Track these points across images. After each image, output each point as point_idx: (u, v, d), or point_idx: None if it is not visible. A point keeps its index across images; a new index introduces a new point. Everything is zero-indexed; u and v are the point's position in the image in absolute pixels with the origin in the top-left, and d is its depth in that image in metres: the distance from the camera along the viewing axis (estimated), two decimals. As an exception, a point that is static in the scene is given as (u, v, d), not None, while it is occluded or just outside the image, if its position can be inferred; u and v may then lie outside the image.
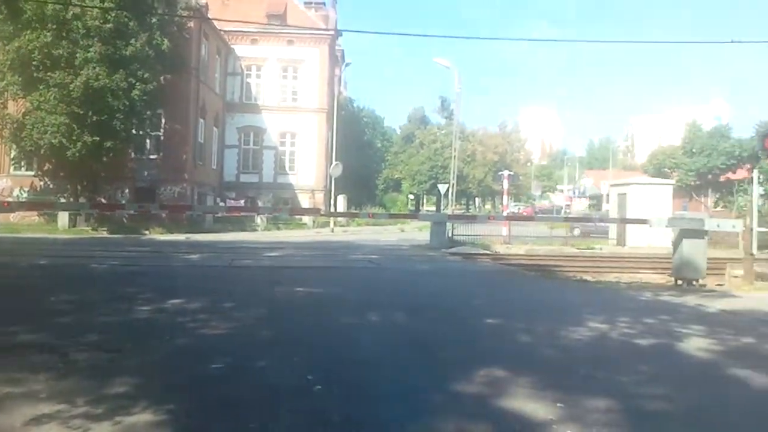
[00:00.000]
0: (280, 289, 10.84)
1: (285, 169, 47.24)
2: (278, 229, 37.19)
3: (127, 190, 35.48)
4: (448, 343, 6.82)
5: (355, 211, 44.46)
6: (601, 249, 27.28)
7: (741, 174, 48.85)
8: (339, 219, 39.76)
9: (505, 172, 36.11)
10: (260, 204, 41.82)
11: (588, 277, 16.15)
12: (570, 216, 57.10)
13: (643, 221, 16.34)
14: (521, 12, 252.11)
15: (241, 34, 45.52)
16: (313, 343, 6.67)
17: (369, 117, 77.37)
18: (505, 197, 36.56)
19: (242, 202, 41.06)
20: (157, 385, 4.98)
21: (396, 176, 79.85)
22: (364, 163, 64.79)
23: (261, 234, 33.15)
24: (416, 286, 12.35)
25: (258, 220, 37.42)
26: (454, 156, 35.31)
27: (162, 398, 4.54)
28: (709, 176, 52.98)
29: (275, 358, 5.92)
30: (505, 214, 35.64)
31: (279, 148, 47.19)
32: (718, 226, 14.50)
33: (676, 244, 13.12)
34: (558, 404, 4.63)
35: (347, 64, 58.35)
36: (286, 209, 34.30)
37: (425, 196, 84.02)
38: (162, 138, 36.79)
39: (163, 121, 36.20)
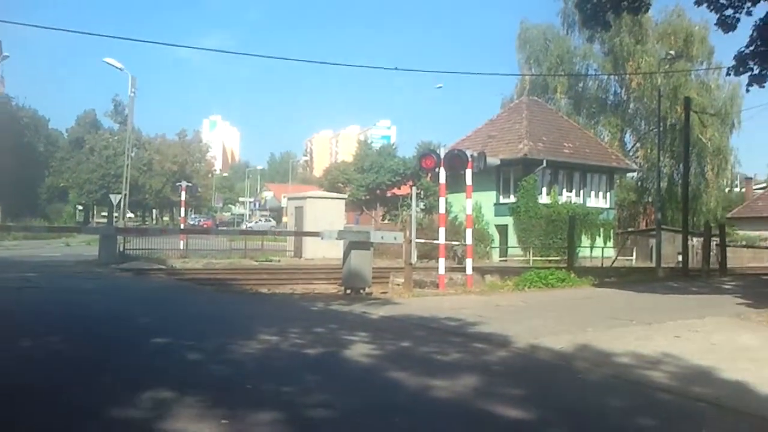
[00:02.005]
0: None
1: None
2: None
3: None
4: (111, 367, 6.31)
5: (8, 224, 39.51)
6: (279, 261, 27.90)
7: (405, 190, 53.66)
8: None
9: (183, 183, 35.25)
10: None
11: (264, 290, 16.29)
12: (250, 229, 57.69)
13: (316, 234, 16.99)
14: (202, 20, 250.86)
15: None
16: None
17: (30, 117, 69.61)
18: (182, 209, 35.66)
19: None
20: None
21: (62, 185, 73.21)
22: (24, 169, 58.39)
23: None
24: (80, 306, 11.34)
25: None
26: (128, 164, 33.53)
27: None
28: (378, 191, 57.33)
29: None
30: (182, 226, 34.76)
31: None
32: (382, 238, 15.55)
33: (346, 255, 13.81)
34: (223, 421, 4.53)
35: (5, 58, 52.19)
36: None
37: (96, 207, 78.39)
38: None
39: None
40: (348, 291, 13.89)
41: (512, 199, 36.28)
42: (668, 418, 5.30)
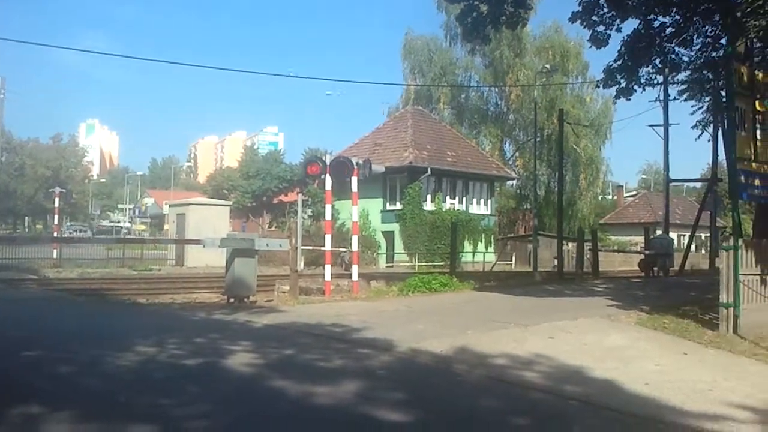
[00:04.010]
0: None
1: None
2: None
3: None
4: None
5: None
6: (159, 270, 27.08)
7: (292, 197, 53.32)
8: None
9: (57, 189, 33.57)
10: None
11: (142, 300, 15.75)
12: (128, 237, 55.72)
13: (197, 241, 16.56)
14: (77, 20, 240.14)
15: None
16: None
17: None
18: (56, 216, 33.98)
19: None
20: None
21: (-76, 192, 68.28)
22: None
23: None
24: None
25: None
26: (-2, 170, 31.66)
27: None
28: (264, 198, 56.65)
29: None
30: (56, 234, 33.11)
31: None
32: (267, 245, 15.34)
33: (229, 263, 13.52)
34: None
35: None
36: None
37: (-37, 215, 73.70)
38: None
39: None
40: (231, 300, 13.60)
41: (398, 206, 36.82)
42: (541, 417, 5.51)
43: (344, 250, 25.31)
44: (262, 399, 5.75)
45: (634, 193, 77.58)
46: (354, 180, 15.73)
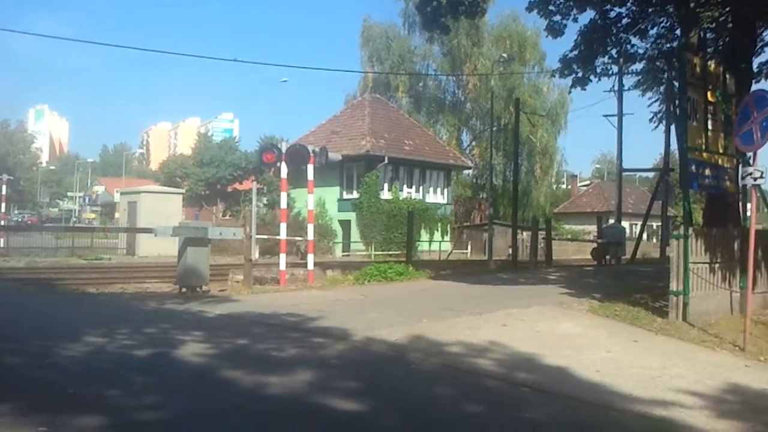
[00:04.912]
0: None
1: None
2: None
3: None
4: None
5: None
6: (110, 259, 26.57)
7: (247, 185, 52.66)
8: None
9: (4, 177, 32.65)
10: None
11: (92, 289, 15.39)
12: (78, 225, 54.63)
13: (149, 230, 16.23)
14: (27, 3, 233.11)
15: None
16: None
17: None
18: (3, 204, 33.04)
19: None
20: None
21: None
22: None
23: None
24: None
25: None
26: (-59, 155, 30.57)
27: None
28: (218, 186, 55.77)
29: None
30: (2, 222, 32.21)
31: None
32: (220, 234, 15.12)
33: (181, 252, 13.27)
34: (41, 428, 4.26)
35: None
36: None
37: None
38: None
39: None
40: (183, 289, 13.36)
41: (355, 194, 36.74)
42: (494, 404, 5.55)
43: (300, 238, 25.13)
44: (214, 389, 5.66)
45: (588, 182, 78.75)
46: (310, 168, 15.60)
